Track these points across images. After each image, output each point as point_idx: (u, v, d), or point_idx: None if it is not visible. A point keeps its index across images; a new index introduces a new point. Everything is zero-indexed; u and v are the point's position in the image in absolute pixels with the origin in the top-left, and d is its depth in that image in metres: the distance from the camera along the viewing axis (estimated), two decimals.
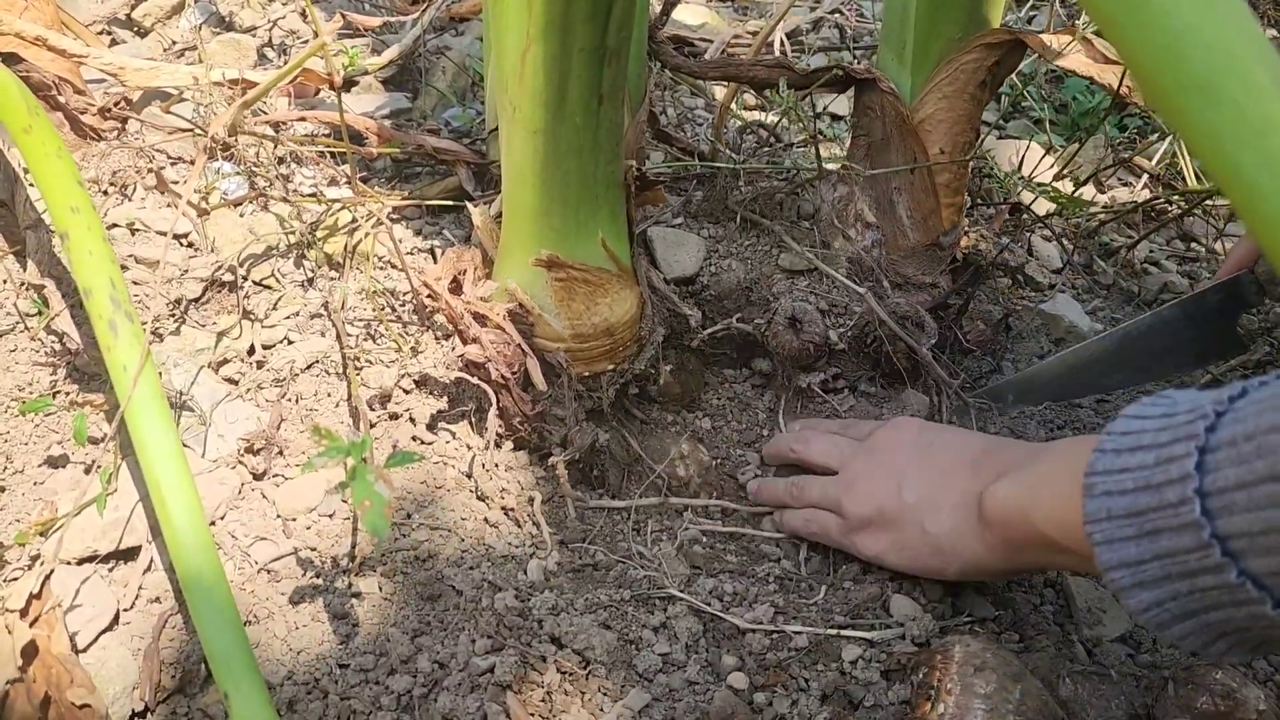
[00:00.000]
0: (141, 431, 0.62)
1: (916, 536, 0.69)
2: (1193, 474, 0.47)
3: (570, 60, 0.66)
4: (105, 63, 0.96)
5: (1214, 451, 0.47)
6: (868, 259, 0.93)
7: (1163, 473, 0.48)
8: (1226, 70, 0.28)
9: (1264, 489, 0.44)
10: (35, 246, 0.79)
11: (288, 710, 0.60)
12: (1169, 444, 0.49)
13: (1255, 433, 0.45)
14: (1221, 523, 0.46)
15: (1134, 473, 0.50)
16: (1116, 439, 0.52)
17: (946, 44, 0.88)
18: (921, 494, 0.70)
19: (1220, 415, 0.48)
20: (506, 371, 0.75)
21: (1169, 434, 0.49)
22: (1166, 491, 0.48)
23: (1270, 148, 0.28)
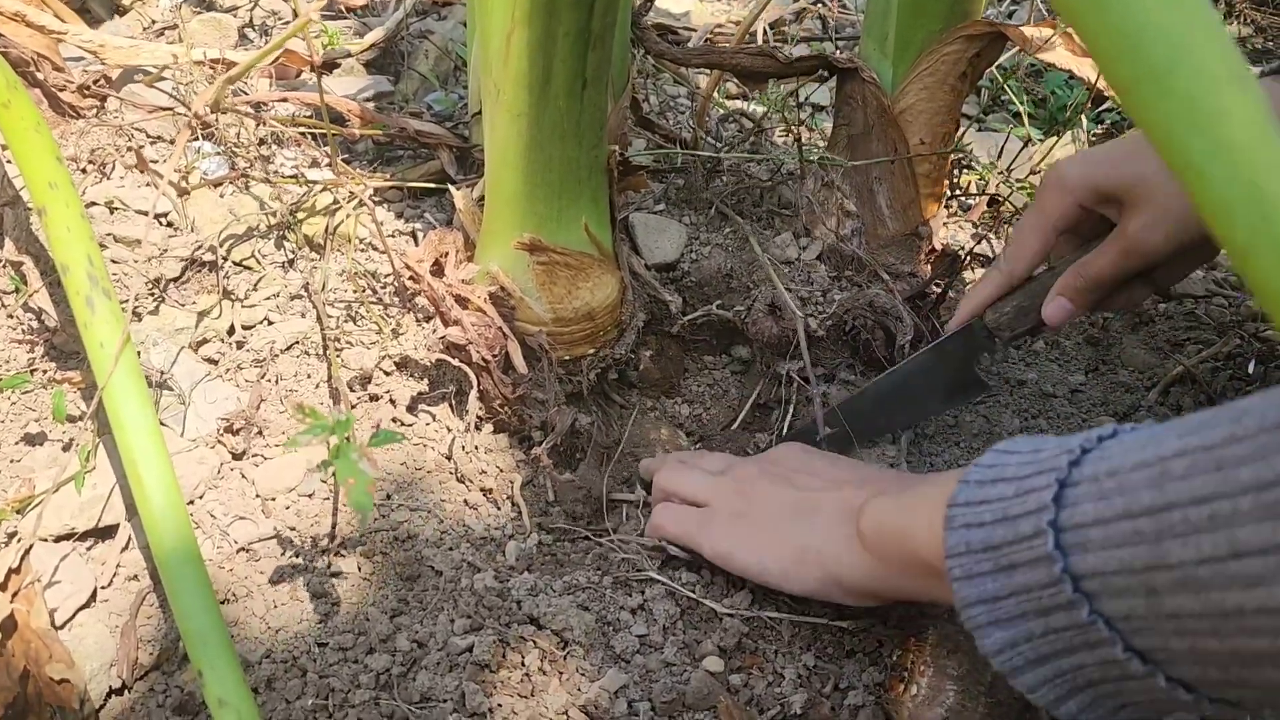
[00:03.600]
0: (119, 409, 0.62)
1: (780, 541, 0.66)
2: (1049, 505, 0.45)
3: (555, 44, 0.66)
4: (84, 40, 0.95)
5: (1074, 486, 0.45)
6: (847, 248, 0.94)
7: (1020, 504, 0.46)
8: (1182, 61, 0.29)
9: (1120, 526, 0.42)
10: (13, 223, 0.79)
11: (266, 688, 0.60)
12: (1030, 476, 0.47)
13: (1118, 469, 0.43)
14: (1075, 559, 0.44)
15: (993, 504, 0.48)
16: (982, 470, 0.50)
17: (928, 35, 0.89)
18: (791, 511, 0.67)
19: (1086, 452, 0.46)
20: (487, 354, 0.75)
21: (1032, 467, 0.47)
22: (1022, 524, 0.46)
23: (1220, 137, 0.28)
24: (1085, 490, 0.44)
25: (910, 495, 0.58)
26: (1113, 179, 0.72)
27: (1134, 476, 0.42)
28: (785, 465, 0.72)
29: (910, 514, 0.57)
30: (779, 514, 0.67)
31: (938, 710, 0.59)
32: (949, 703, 0.59)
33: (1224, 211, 0.28)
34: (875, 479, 0.68)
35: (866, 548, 0.60)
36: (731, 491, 0.71)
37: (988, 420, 0.94)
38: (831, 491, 0.66)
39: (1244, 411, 0.39)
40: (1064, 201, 0.75)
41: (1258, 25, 1.80)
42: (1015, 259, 0.78)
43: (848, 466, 0.72)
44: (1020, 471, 0.48)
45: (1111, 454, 0.45)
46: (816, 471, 0.71)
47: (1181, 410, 0.93)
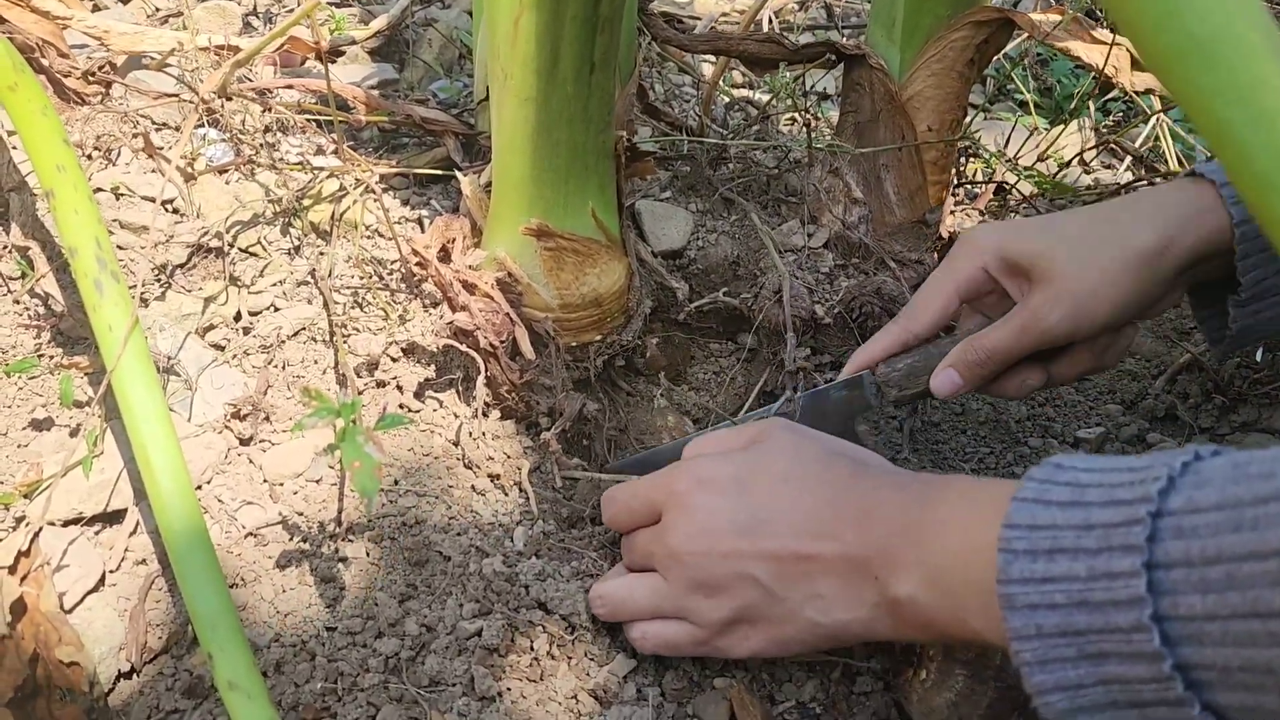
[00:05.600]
0: (128, 392, 0.62)
1: (803, 630, 0.58)
2: (1146, 597, 0.41)
3: (563, 27, 0.66)
4: (89, 26, 0.95)
5: (1165, 570, 0.41)
6: (854, 235, 0.93)
7: (1104, 590, 0.42)
8: (1221, 31, 0.29)
9: (1244, 625, 0.38)
10: (19, 209, 0.79)
11: (275, 672, 0.60)
12: (1100, 551, 0.43)
13: (1220, 557, 0.39)
14: (1187, 652, 0.40)
15: (1062, 584, 0.43)
16: (1026, 535, 0.45)
17: (935, 21, 0.89)
18: (790, 583, 0.57)
19: (1155, 518, 0.42)
20: (495, 340, 0.75)
21: (1095, 538, 0.43)
22: (1112, 614, 0.42)
23: (1261, 106, 0.28)
24: (1184, 577, 0.40)
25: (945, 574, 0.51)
26: (1021, 248, 0.71)
27: (1248, 570, 0.38)
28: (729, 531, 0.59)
29: (956, 600, 0.51)
30: (776, 603, 0.58)
31: (947, 695, 0.59)
32: (958, 687, 0.59)
33: (1263, 182, 0.28)
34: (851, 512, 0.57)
35: (910, 628, 0.55)
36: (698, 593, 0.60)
37: (994, 408, 0.94)
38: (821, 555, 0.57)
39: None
40: (971, 264, 0.74)
41: None
42: (915, 316, 0.76)
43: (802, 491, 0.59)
44: (1081, 543, 0.43)
45: (1195, 528, 0.41)
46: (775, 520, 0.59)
47: (1188, 398, 0.93)
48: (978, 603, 0.49)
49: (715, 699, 0.62)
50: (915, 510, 0.55)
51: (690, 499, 0.61)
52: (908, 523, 0.54)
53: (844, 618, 0.56)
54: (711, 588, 0.59)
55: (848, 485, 0.59)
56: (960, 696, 0.59)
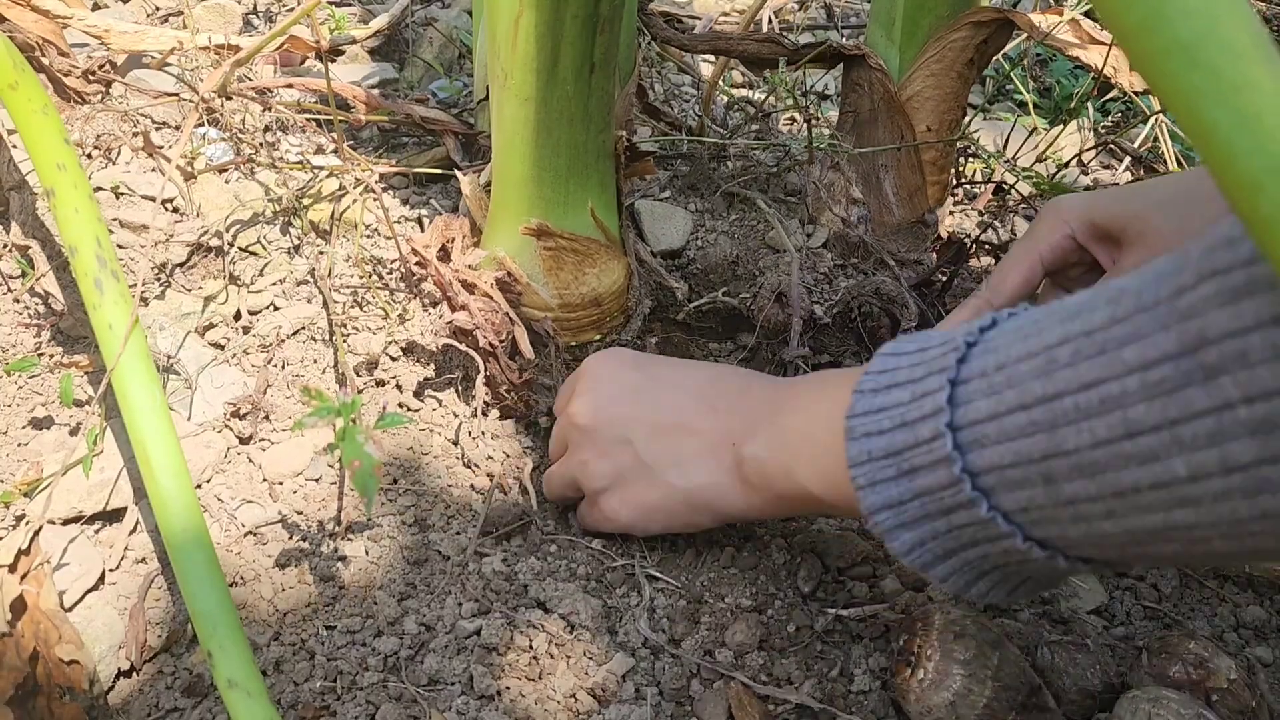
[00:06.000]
0: (128, 390, 0.62)
1: (665, 495, 0.65)
2: (945, 408, 0.45)
3: (563, 27, 0.66)
4: (89, 25, 0.95)
5: (965, 383, 0.45)
6: (853, 235, 0.93)
7: (917, 409, 0.47)
8: (1207, 32, 0.29)
9: (1011, 419, 0.43)
10: (19, 208, 0.79)
11: (274, 670, 0.60)
12: (923, 378, 0.47)
13: (1005, 362, 0.44)
14: (972, 456, 0.44)
15: (891, 411, 0.48)
16: (874, 378, 0.50)
17: (935, 21, 0.89)
18: (660, 447, 0.65)
19: (971, 346, 0.47)
20: (494, 339, 0.75)
21: (923, 368, 0.48)
22: (920, 428, 0.46)
23: (1246, 108, 0.28)
24: (976, 386, 0.45)
25: (786, 429, 0.59)
26: (1111, 213, 0.70)
27: (1022, 368, 0.43)
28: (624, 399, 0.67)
29: (791, 453, 0.58)
30: (646, 468, 0.65)
31: (944, 694, 0.59)
32: (955, 686, 0.59)
33: (1248, 183, 0.28)
34: (734, 397, 0.64)
35: (753, 489, 0.61)
36: (588, 466, 0.68)
37: None
38: (696, 426, 0.64)
39: (1120, 292, 0.40)
40: (1057, 232, 0.73)
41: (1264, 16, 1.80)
42: (997, 286, 0.76)
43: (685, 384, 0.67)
44: (913, 374, 0.48)
45: (997, 346, 0.45)
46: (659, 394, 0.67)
47: None
48: (809, 454, 0.56)
49: (714, 698, 0.62)
50: (783, 391, 0.62)
51: (594, 371, 0.69)
52: (773, 400, 0.62)
53: (700, 481, 0.63)
54: (597, 449, 0.67)
55: (729, 377, 0.67)
56: (957, 696, 0.59)
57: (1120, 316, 0.39)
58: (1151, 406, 0.37)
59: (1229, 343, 0.35)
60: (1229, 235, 0.36)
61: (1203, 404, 0.36)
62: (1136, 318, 0.39)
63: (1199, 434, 0.36)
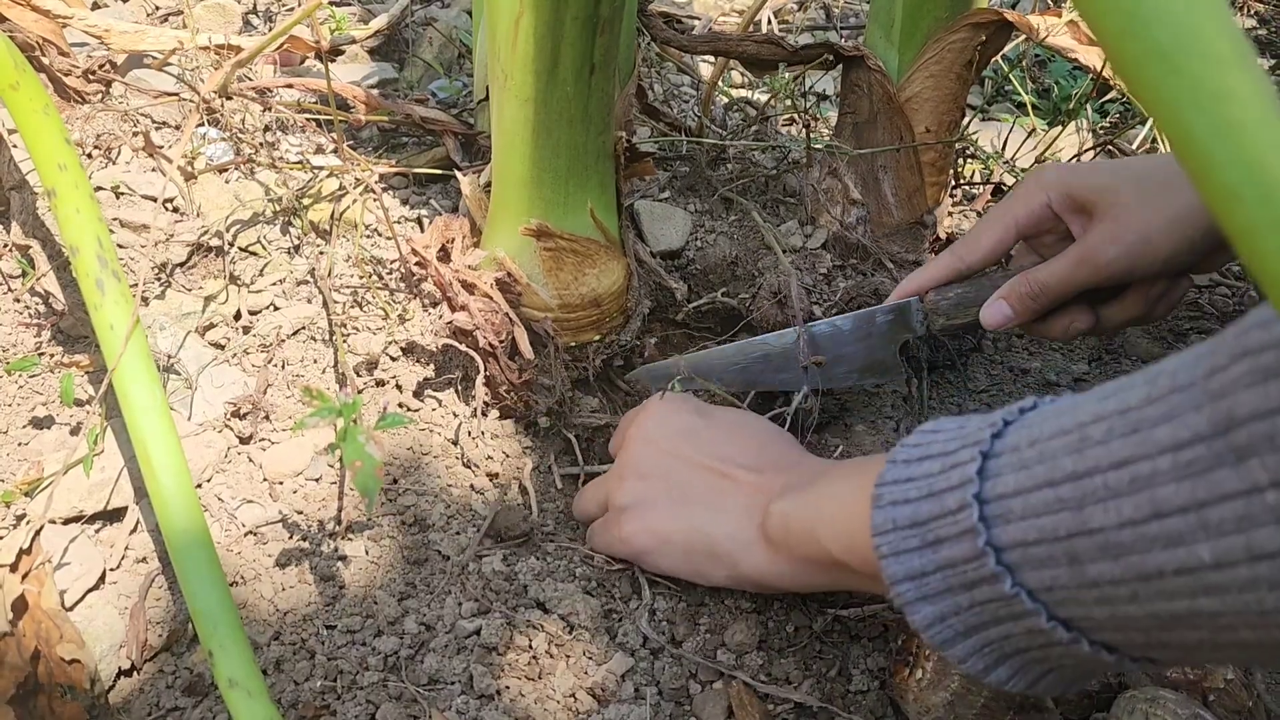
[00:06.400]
0: (129, 391, 0.62)
1: (687, 531, 0.64)
2: (973, 479, 0.44)
3: (563, 28, 0.66)
4: (90, 25, 0.95)
5: (997, 457, 0.45)
6: (852, 236, 0.94)
7: (945, 480, 0.46)
8: (1187, 40, 0.29)
9: (1039, 495, 0.42)
10: (19, 207, 0.79)
11: (275, 670, 0.61)
12: (956, 451, 0.47)
13: (1038, 438, 0.43)
14: (998, 531, 0.43)
15: (919, 481, 0.47)
16: (908, 449, 0.50)
17: (934, 23, 0.89)
18: (696, 485, 0.65)
19: (1009, 424, 0.46)
20: (494, 340, 0.75)
21: (958, 442, 0.47)
22: (947, 498, 0.45)
23: (1224, 117, 0.28)
24: (1007, 461, 0.44)
25: (817, 491, 0.58)
26: (1086, 185, 0.71)
27: (1054, 444, 0.42)
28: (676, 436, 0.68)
29: (816, 511, 0.57)
30: (676, 499, 0.65)
31: (942, 694, 0.59)
32: (953, 687, 0.59)
33: (1226, 193, 0.28)
34: (782, 462, 0.65)
35: (773, 548, 0.60)
36: (619, 480, 0.68)
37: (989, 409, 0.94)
38: (737, 477, 0.64)
39: (1158, 373, 0.40)
40: (1035, 199, 0.74)
41: (1261, 17, 1.80)
42: (970, 246, 0.77)
43: (733, 439, 0.68)
44: (946, 447, 0.48)
45: (1032, 423, 0.45)
46: (705, 442, 0.67)
47: None
48: (834, 517, 0.55)
49: (713, 698, 0.62)
50: (829, 465, 0.63)
51: (655, 408, 0.71)
52: (817, 470, 0.62)
53: (726, 529, 0.63)
54: (636, 471, 0.67)
55: (784, 443, 0.68)
56: (955, 696, 0.59)
57: (1155, 396, 0.39)
58: (1181, 487, 0.37)
59: (1258, 424, 0.34)
60: (1263, 317, 0.35)
61: (1231, 486, 0.35)
62: (1171, 397, 0.38)
63: (1226, 518, 0.35)
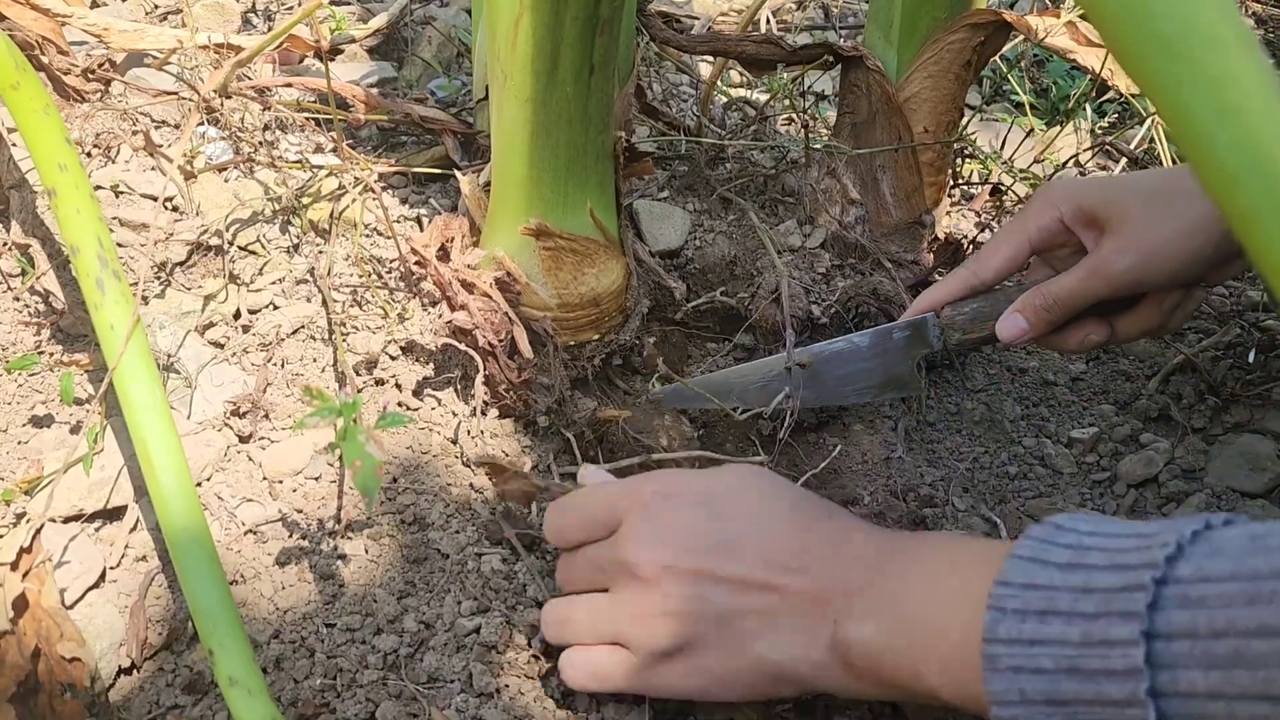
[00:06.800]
0: (129, 390, 0.62)
1: (748, 668, 0.54)
2: (1143, 669, 0.38)
3: (563, 29, 0.66)
4: (89, 24, 0.95)
5: (1166, 640, 0.38)
6: (851, 235, 0.94)
7: (1099, 658, 0.40)
8: (1188, 24, 0.29)
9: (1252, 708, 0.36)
10: (19, 206, 0.79)
11: (274, 668, 0.61)
12: (1097, 616, 0.40)
13: (1229, 631, 0.37)
14: None
15: (1051, 648, 0.41)
16: (1019, 594, 0.43)
17: (933, 23, 0.89)
18: (745, 612, 0.54)
19: (1159, 584, 0.39)
20: (493, 339, 0.75)
21: (1093, 602, 0.40)
22: (1105, 684, 0.39)
23: (1226, 102, 0.28)
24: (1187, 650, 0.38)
25: (906, 615, 0.50)
26: (1096, 199, 0.72)
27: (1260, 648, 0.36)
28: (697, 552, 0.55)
29: (917, 649, 0.49)
30: (727, 634, 0.54)
31: None
32: None
33: (1227, 177, 0.28)
34: (827, 550, 0.55)
35: (855, 673, 0.52)
36: (649, 622, 0.55)
37: (988, 408, 0.94)
38: (787, 588, 0.54)
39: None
40: (1047, 213, 0.74)
41: (1259, 18, 1.80)
42: (984, 261, 0.77)
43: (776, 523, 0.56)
44: (1078, 605, 0.41)
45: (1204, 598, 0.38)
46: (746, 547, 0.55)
47: (1181, 399, 0.93)
48: (940, 657, 0.47)
49: None
50: (888, 554, 0.53)
51: (657, 507, 0.57)
52: (879, 564, 0.52)
53: (793, 655, 0.53)
54: (663, 606, 0.55)
55: (821, 522, 0.57)
56: None
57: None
58: None
59: None
60: None
61: None
62: None
63: None
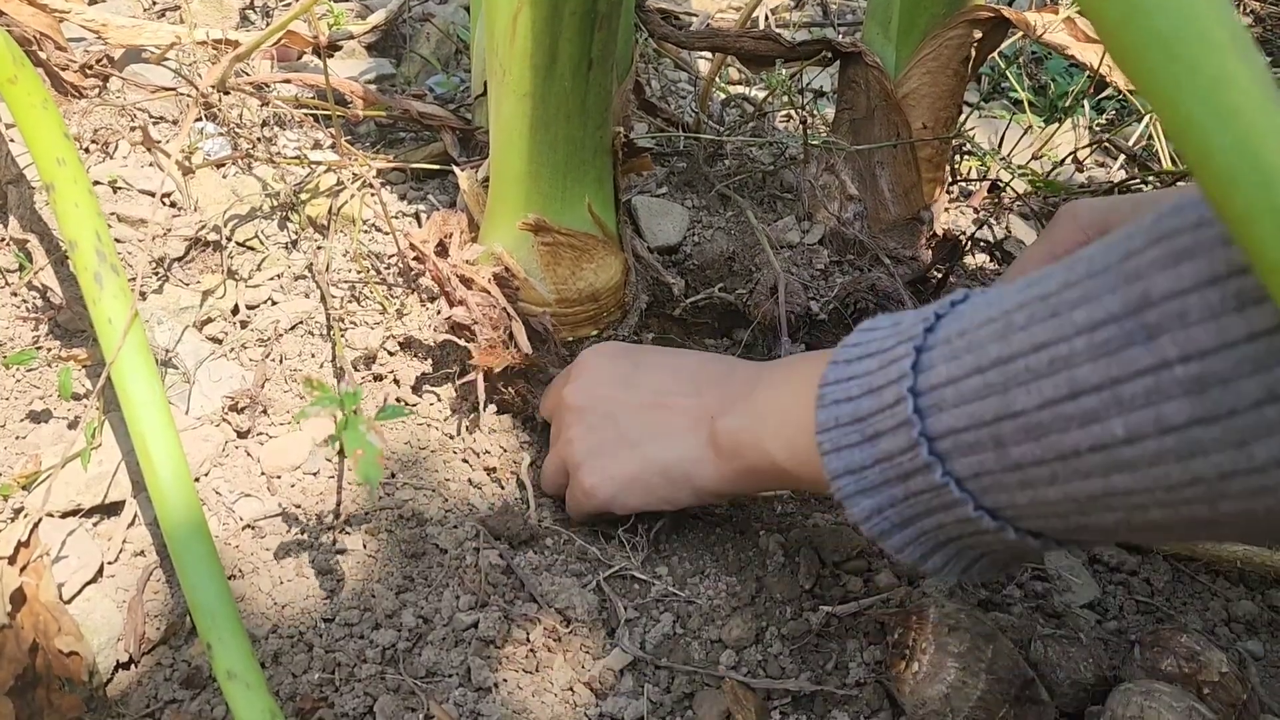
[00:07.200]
0: (127, 384, 0.62)
1: (642, 465, 0.67)
2: (908, 373, 0.46)
3: (561, 24, 0.66)
4: (87, 19, 0.95)
5: (930, 350, 0.46)
6: (849, 231, 0.94)
7: (883, 375, 0.47)
8: (1185, 26, 0.29)
9: (968, 383, 0.43)
10: (17, 201, 0.79)
11: (273, 663, 0.61)
12: (893, 347, 0.48)
13: (967, 329, 0.45)
14: (930, 421, 0.45)
15: (860, 379, 0.49)
16: (849, 350, 0.51)
17: (932, 19, 0.89)
18: (643, 423, 0.67)
19: (940, 317, 0.47)
20: (492, 334, 0.75)
21: (894, 338, 0.48)
22: (885, 393, 0.47)
23: (1223, 103, 0.28)
24: (939, 352, 0.45)
25: (759, 401, 0.60)
26: (1120, 210, 0.71)
27: (981, 333, 0.43)
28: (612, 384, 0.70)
29: (761, 421, 0.59)
30: (625, 443, 0.67)
31: (939, 687, 0.60)
32: (950, 679, 0.59)
33: (1224, 179, 0.28)
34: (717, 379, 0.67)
35: (724, 460, 0.63)
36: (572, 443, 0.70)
37: None
38: (678, 404, 0.66)
39: (1077, 259, 0.41)
40: (1073, 236, 0.73)
41: (1257, 15, 1.80)
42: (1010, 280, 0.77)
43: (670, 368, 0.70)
44: (884, 344, 0.49)
45: (962, 314, 0.46)
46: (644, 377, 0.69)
47: None
48: (784, 429, 0.57)
49: (711, 693, 0.62)
50: (764, 370, 0.64)
51: (586, 360, 0.72)
52: (753, 378, 0.63)
53: (678, 454, 0.65)
54: (584, 426, 0.69)
55: (715, 362, 0.69)
56: (951, 689, 0.59)
57: (1073, 280, 0.40)
58: (1096, 367, 0.38)
59: (1169, 303, 0.36)
60: (1179, 202, 0.37)
61: (1143, 363, 0.37)
62: (1087, 282, 0.40)
63: (1137, 393, 0.37)
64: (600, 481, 0.68)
